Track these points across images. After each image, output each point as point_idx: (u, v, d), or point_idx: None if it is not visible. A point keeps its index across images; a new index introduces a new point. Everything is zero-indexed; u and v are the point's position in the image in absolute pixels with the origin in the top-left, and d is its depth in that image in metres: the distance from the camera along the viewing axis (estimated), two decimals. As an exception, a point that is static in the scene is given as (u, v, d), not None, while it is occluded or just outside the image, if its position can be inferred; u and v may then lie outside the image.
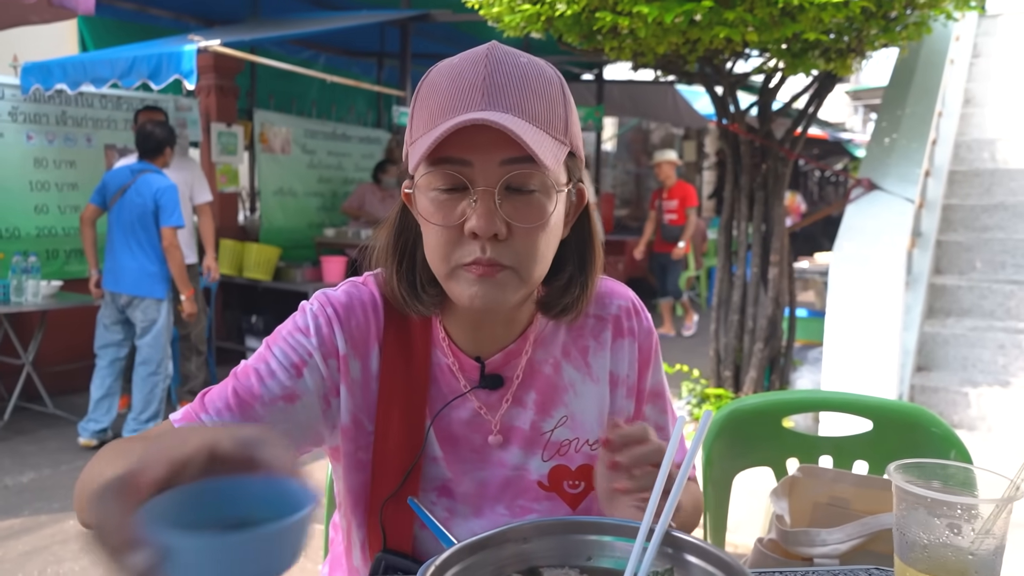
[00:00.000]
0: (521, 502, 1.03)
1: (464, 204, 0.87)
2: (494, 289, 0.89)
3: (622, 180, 11.99)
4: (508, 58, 0.89)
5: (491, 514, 1.02)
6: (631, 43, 3.44)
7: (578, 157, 0.94)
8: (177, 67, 4.28)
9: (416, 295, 0.98)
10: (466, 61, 0.88)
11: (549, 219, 0.89)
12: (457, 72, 0.87)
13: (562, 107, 0.89)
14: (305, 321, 0.99)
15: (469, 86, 0.85)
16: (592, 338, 1.07)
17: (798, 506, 1.47)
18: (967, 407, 3.86)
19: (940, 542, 0.76)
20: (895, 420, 1.65)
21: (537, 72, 0.89)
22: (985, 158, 5.23)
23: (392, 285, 0.99)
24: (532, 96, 0.86)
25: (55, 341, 5.26)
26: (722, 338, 4.23)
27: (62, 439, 4.58)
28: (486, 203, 0.86)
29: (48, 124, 5.32)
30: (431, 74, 0.91)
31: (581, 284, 1.00)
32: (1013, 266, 4.49)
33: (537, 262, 0.90)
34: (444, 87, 0.87)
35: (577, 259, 1.00)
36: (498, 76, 0.86)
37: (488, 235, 0.86)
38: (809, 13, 3.04)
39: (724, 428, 1.67)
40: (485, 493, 1.02)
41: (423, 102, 0.89)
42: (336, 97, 7.79)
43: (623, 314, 1.09)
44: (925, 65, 4.84)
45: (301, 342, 0.98)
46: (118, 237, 4.27)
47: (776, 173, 4.05)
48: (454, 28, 7.00)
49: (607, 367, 1.07)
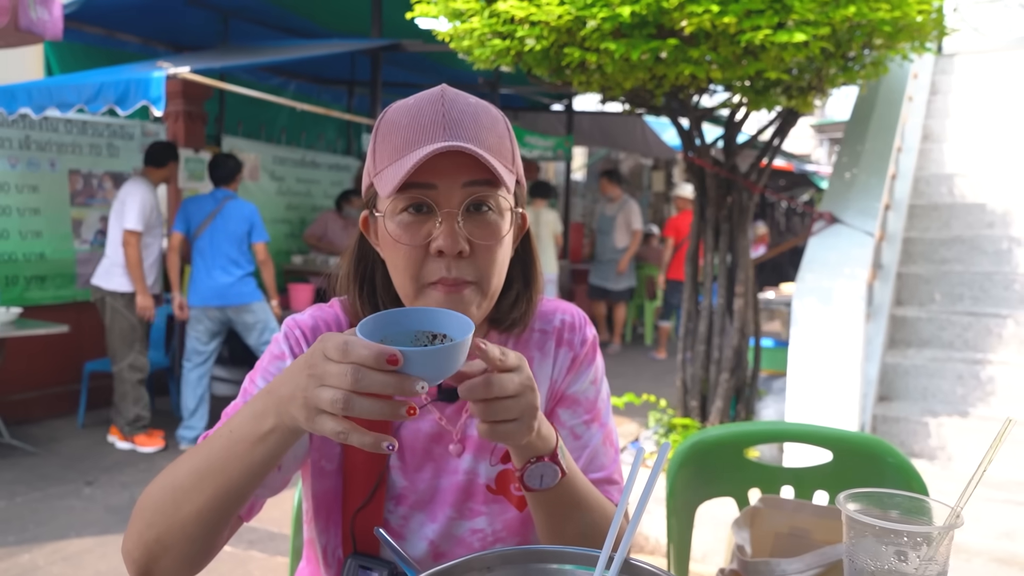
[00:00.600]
0: (471, 504, 1.11)
1: (430, 225, 0.96)
2: (460, 306, 0.96)
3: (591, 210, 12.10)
4: (460, 98, 0.99)
5: (442, 517, 1.10)
6: (599, 78, 3.50)
7: (522, 185, 1.05)
8: (145, 93, 4.26)
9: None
10: (423, 101, 0.98)
11: (504, 237, 0.99)
12: (416, 111, 0.97)
13: (508, 142, 1.01)
14: (279, 348, 1.08)
15: (430, 122, 0.95)
16: (537, 350, 1.16)
17: (759, 536, 1.49)
18: (927, 437, 3.92)
19: (887, 569, 0.78)
20: (854, 451, 1.68)
21: (486, 111, 1.00)
22: (943, 192, 5.37)
23: (356, 309, 1.07)
24: (484, 131, 0.97)
25: (14, 369, 5.15)
26: (688, 368, 4.27)
27: (18, 470, 4.47)
28: (450, 224, 0.95)
29: (11, 148, 5.25)
30: (389, 113, 1.00)
31: (527, 299, 1.11)
32: (971, 298, 4.59)
33: (495, 276, 1.00)
34: (405, 124, 0.96)
35: (523, 276, 1.12)
36: (454, 113, 0.96)
37: (453, 252, 0.95)
38: (771, 52, 3.12)
39: (688, 459, 1.69)
40: (438, 498, 1.11)
41: (385, 138, 0.97)
42: (306, 124, 7.80)
43: (565, 327, 1.18)
44: (884, 102, 4.98)
45: (279, 367, 1.07)
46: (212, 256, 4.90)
47: (741, 205, 4.12)
48: (424, 58, 7.06)
49: (549, 375, 1.15)
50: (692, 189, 6.65)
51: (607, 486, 1.15)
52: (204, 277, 4.89)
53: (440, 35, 3.67)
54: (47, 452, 4.80)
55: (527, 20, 3.19)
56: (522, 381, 0.86)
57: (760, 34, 2.96)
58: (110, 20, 5.88)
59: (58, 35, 3.62)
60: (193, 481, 0.89)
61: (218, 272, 4.87)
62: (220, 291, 4.87)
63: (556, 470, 0.96)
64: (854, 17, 3.06)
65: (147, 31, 6.31)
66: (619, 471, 1.18)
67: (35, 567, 3.30)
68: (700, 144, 4.10)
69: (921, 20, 3.34)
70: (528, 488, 0.98)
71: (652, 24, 3.15)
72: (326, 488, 1.10)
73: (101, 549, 3.47)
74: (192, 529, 0.89)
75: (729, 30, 3.03)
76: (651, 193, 14.02)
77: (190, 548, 0.91)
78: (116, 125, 5.81)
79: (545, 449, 0.95)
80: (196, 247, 4.92)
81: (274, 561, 3.42)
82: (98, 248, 5.72)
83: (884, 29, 3.20)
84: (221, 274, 4.87)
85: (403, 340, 0.83)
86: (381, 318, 0.83)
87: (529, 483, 0.97)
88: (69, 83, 4.65)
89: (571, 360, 1.16)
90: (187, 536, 0.90)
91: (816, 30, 3.00)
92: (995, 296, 4.54)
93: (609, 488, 1.15)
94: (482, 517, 1.11)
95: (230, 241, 4.88)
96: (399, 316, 0.85)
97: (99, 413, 5.50)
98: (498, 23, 3.29)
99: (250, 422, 0.86)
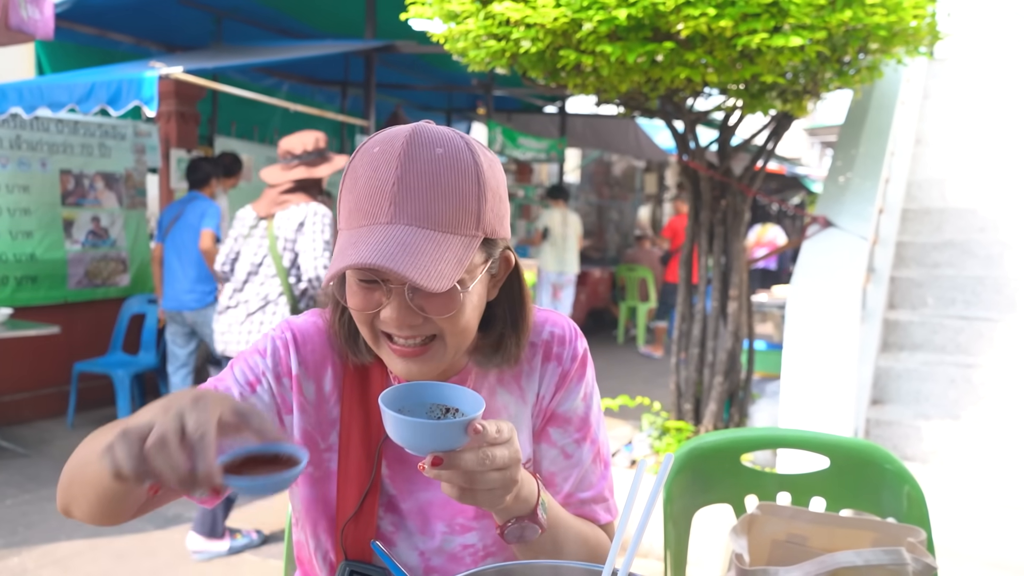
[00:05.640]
0: (460, 520, 1.10)
1: (379, 294, 0.94)
2: (421, 364, 0.97)
3: (584, 211, 12.11)
4: (423, 152, 0.92)
5: (433, 531, 1.09)
6: (594, 80, 3.49)
7: (497, 237, 0.98)
8: (137, 93, 4.23)
9: (354, 346, 1.06)
10: (384, 155, 0.92)
11: (464, 306, 0.95)
12: (374, 167, 0.92)
13: (474, 200, 0.93)
14: (264, 344, 1.09)
15: (379, 191, 0.91)
16: (526, 363, 1.13)
17: (757, 544, 1.49)
18: (920, 440, 3.93)
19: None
20: (852, 457, 1.68)
21: (450, 166, 0.92)
22: (935, 196, 5.38)
23: (334, 332, 1.07)
24: (440, 199, 0.91)
25: (3, 370, 5.13)
26: (682, 371, 4.27)
27: (8, 471, 4.44)
28: (399, 299, 0.93)
29: (1, 148, 5.21)
30: (355, 158, 0.96)
31: (514, 340, 1.08)
32: (963, 302, 4.61)
33: (459, 334, 0.97)
34: (361, 184, 0.92)
35: (509, 317, 1.07)
36: (410, 177, 0.90)
37: (402, 328, 0.93)
38: (766, 56, 3.12)
39: (684, 465, 1.69)
40: (428, 512, 1.10)
41: (347, 191, 0.95)
42: (299, 125, 7.72)
43: (555, 341, 1.14)
44: (878, 106, 4.99)
45: (257, 362, 1.08)
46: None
47: (735, 208, 4.12)
48: (418, 59, 7.05)
49: (536, 389, 1.13)
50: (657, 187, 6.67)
51: (594, 505, 1.15)
52: (168, 281, 4.85)
53: (435, 37, 3.66)
54: (37, 454, 4.77)
55: (523, 22, 3.18)
56: (511, 454, 0.88)
57: (756, 38, 2.96)
58: (102, 19, 5.84)
59: (49, 34, 3.59)
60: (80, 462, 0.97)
61: (178, 276, 4.80)
62: (177, 296, 4.79)
63: (536, 528, 0.97)
64: (850, 21, 3.07)
65: (139, 31, 6.27)
66: (609, 487, 1.17)
67: (24, 570, 3.27)
68: (695, 147, 4.10)
69: (916, 25, 3.35)
70: (509, 543, 1.00)
71: (648, 27, 3.14)
72: (313, 495, 1.09)
73: (91, 553, 3.45)
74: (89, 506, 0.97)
75: (725, 34, 3.03)
76: (643, 195, 14.04)
77: (93, 513, 0.98)
78: (108, 125, 5.77)
79: (525, 511, 0.96)
80: (164, 252, 4.89)
81: (266, 564, 3.40)
82: (89, 248, 5.69)
83: (880, 33, 3.21)
84: (180, 278, 4.79)
85: (418, 411, 0.91)
86: (403, 389, 0.91)
87: (510, 539, 0.99)
88: (61, 82, 4.62)
89: (560, 376, 1.13)
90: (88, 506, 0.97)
91: (812, 34, 3.00)
92: (987, 300, 4.56)
93: (596, 507, 1.15)
94: (473, 532, 1.10)
95: (191, 244, 4.76)
96: (418, 389, 0.93)
97: (89, 414, 5.47)
98: (493, 25, 3.28)
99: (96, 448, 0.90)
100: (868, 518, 1.56)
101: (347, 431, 1.08)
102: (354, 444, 1.07)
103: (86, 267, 5.68)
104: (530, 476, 0.97)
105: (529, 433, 1.13)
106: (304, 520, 1.11)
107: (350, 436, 1.07)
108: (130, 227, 5.98)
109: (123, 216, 5.93)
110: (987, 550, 3.19)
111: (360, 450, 1.07)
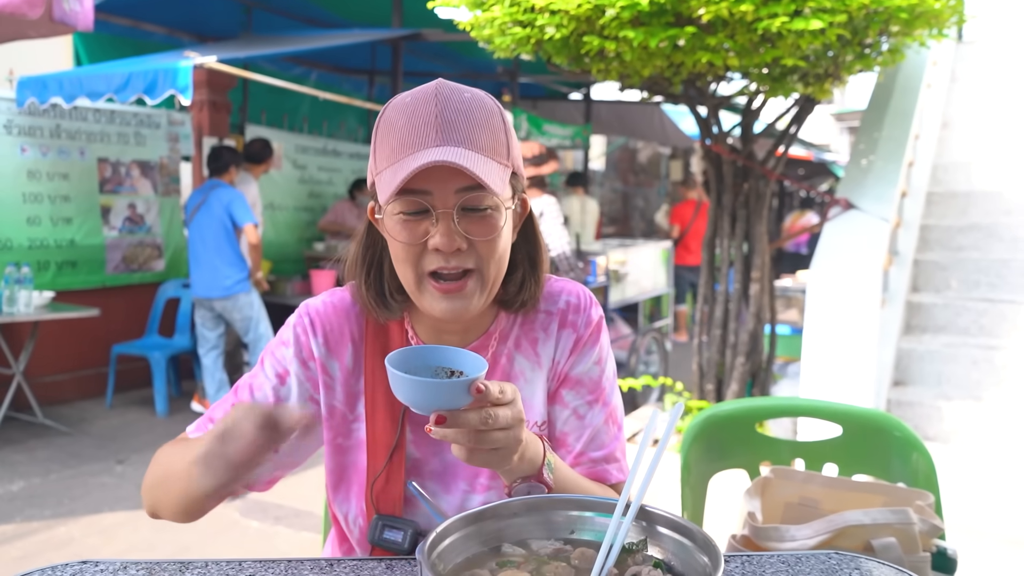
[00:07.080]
0: (481, 480, 1.16)
1: (427, 224, 1.02)
2: (460, 301, 1.04)
3: (609, 198, 12.14)
4: (454, 95, 1.02)
5: (456, 491, 1.16)
6: (617, 66, 3.55)
7: (519, 175, 1.09)
8: (173, 82, 4.36)
9: (384, 302, 1.13)
10: (418, 100, 1.02)
11: (501, 231, 1.04)
12: (411, 111, 1.01)
13: (503, 134, 1.04)
14: (287, 334, 1.18)
15: (424, 123, 1.00)
16: (542, 330, 1.20)
17: (770, 505, 1.56)
18: (941, 421, 3.96)
19: None
20: (863, 425, 1.74)
21: (480, 105, 1.03)
22: (961, 180, 5.37)
23: (362, 293, 1.14)
24: (478, 129, 1.01)
25: (46, 352, 5.29)
26: (704, 352, 4.32)
27: (52, 448, 4.62)
28: (446, 223, 1.01)
29: (42, 137, 5.38)
30: (387, 112, 1.04)
31: (534, 280, 1.16)
32: (987, 285, 4.61)
33: (495, 264, 1.05)
34: (401, 124, 1.01)
35: (527, 260, 1.16)
36: (448, 113, 1.00)
37: (450, 250, 1.01)
38: (787, 40, 3.15)
39: (701, 433, 1.76)
40: (449, 472, 1.16)
41: (383, 138, 1.03)
42: (327, 113, 7.88)
43: (570, 309, 1.20)
44: (902, 89, 4.99)
45: (283, 353, 1.17)
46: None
47: (758, 192, 4.16)
48: (444, 47, 7.11)
49: (552, 355, 1.19)
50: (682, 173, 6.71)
51: (606, 464, 1.19)
52: (194, 268, 5.02)
53: (461, 24, 3.74)
54: (79, 432, 4.94)
55: (547, 8, 3.24)
56: (514, 415, 0.91)
57: (777, 21, 3.00)
58: (136, 11, 5.98)
59: (89, 26, 3.71)
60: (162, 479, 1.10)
61: (202, 263, 4.95)
62: (203, 282, 4.96)
63: (542, 488, 1.01)
64: (870, 4, 3.09)
65: (172, 21, 6.40)
66: (621, 449, 1.22)
67: (71, 539, 3.43)
68: (717, 131, 4.14)
69: (939, 7, 3.36)
70: None
71: (670, 12, 3.19)
72: (342, 463, 1.17)
73: (133, 523, 3.60)
74: (176, 504, 1.07)
75: (746, 18, 3.07)
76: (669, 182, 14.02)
77: (179, 510, 1.09)
78: (143, 114, 5.92)
79: (531, 471, 1.00)
80: (189, 239, 5.05)
81: (300, 536, 3.52)
82: (126, 234, 5.86)
83: (900, 16, 3.22)
84: (204, 265, 4.95)
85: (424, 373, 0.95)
86: (410, 352, 0.97)
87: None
88: (99, 73, 4.76)
89: (574, 341, 1.19)
90: (174, 505, 1.08)
91: (833, 17, 3.03)
92: (1011, 283, 4.56)
93: (608, 467, 1.19)
94: (492, 492, 1.15)
95: (213, 231, 4.90)
96: (424, 352, 0.98)
97: (127, 395, 5.65)
98: (519, 12, 3.35)
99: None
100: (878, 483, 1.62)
101: (371, 399, 1.15)
102: (379, 411, 1.15)
103: (123, 252, 5.85)
104: (536, 438, 1.01)
105: (544, 396, 1.19)
106: (336, 487, 1.18)
107: (375, 404, 1.15)
108: (164, 214, 6.14)
109: (158, 203, 6.09)
110: (1006, 528, 3.23)
111: (385, 415, 1.14)
